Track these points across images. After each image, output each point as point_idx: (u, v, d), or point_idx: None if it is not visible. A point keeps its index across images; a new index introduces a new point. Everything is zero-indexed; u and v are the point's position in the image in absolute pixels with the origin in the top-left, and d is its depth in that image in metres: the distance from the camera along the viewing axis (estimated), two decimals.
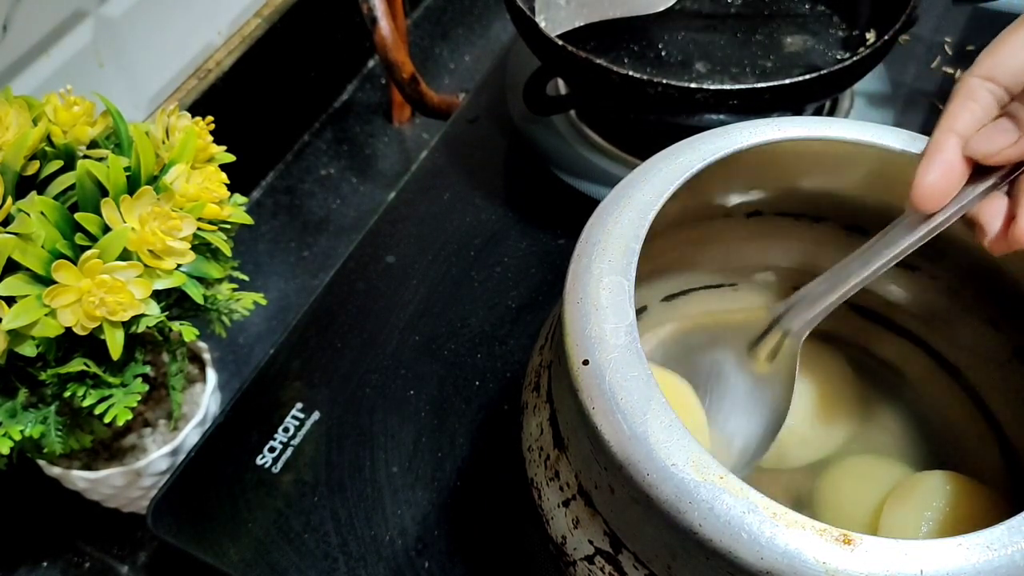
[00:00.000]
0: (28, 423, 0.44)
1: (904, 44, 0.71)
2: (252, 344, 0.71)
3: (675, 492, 0.28)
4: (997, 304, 0.42)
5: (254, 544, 0.48)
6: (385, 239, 0.61)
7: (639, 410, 0.30)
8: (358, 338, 0.56)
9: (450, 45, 0.95)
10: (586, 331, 0.32)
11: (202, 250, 0.45)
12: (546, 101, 0.63)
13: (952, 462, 0.43)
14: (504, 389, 0.54)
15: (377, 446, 0.52)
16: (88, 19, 0.62)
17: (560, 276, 0.35)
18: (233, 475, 0.51)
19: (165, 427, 0.55)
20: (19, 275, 0.40)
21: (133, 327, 0.42)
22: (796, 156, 0.40)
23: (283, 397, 0.54)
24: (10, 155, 0.41)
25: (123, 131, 0.45)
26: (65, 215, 0.41)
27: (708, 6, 0.65)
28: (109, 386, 0.44)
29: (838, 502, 0.43)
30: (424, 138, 0.87)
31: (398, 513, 0.49)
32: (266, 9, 0.77)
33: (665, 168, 0.36)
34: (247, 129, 0.77)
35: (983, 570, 0.27)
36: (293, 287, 0.75)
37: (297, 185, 0.83)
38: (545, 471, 0.36)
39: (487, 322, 0.57)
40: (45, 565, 0.60)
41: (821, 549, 0.27)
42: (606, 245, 0.34)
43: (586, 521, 0.33)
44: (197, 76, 0.72)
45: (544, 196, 0.63)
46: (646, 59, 0.62)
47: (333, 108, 0.89)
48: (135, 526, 0.61)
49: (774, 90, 0.52)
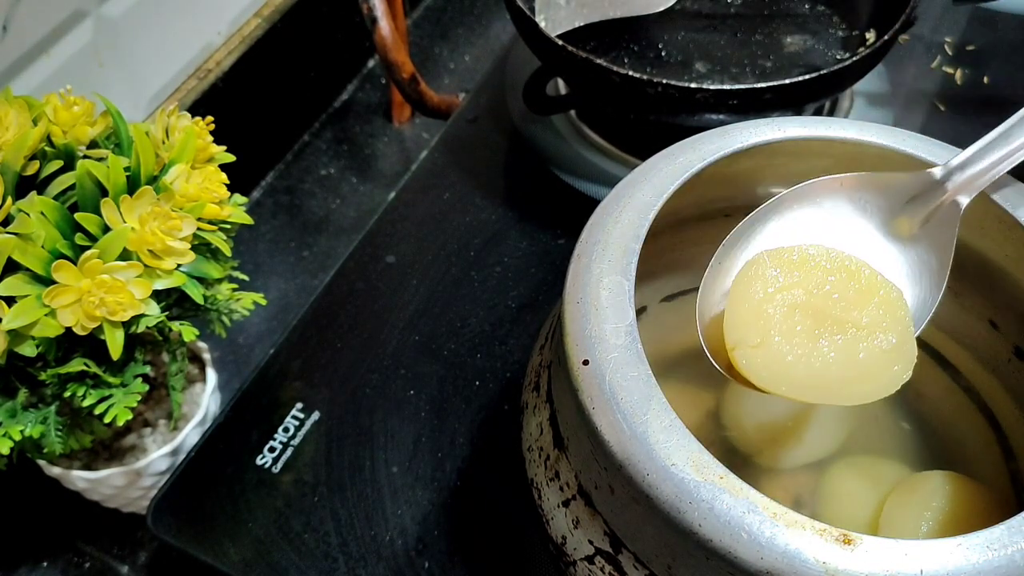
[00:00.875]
0: (28, 423, 0.44)
1: (904, 44, 0.71)
2: (252, 344, 0.71)
3: (675, 492, 0.28)
4: (997, 304, 0.42)
5: (254, 544, 0.48)
6: (385, 239, 0.61)
7: (639, 410, 0.30)
8: (358, 338, 0.56)
9: (450, 45, 0.95)
10: (586, 331, 0.32)
11: (202, 250, 0.45)
12: (546, 101, 0.63)
13: (952, 462, 0.43)
14: (504, 389, 0.54)
15: (377, 446, 0.52)
16: (88, 19, 0.62)
17: (560, 276, 0.35)
18: (233, 475, 0.51)
19: (165, 427, 0.55)
20: (19, 275, 0.40)
21: (133, 327, 0.42)
22: (796, 156, 0.40)
23: (283, 397, 0.54)
24: (10, 155, 0.41)
25: (123, 131, 0.45)
26: (65, 215, 0.41)
27: (708, 6, 0.65)
28: (109, 386, 0.44)
29: (838, 502, 0.43)
30: (424, 138, 0.87)
31: (398, 513, 0.49)
32: (266, 9, 0.77)
33: (665, 168, 0.36)
34: (247, 129, 0.78)
35: (983, 570, 0.27)
36: (293, 287, 0.75)
37: (297, 185, 0.83)
38: (545, 471, 0.36)
39: (487, 322, 0.57)
40: (45, 565, 0.60)
41: (821, 549, 0.27)
42: (606, 245, 0.34)
43: (586, 521, 0.33)
44: (197, 76, 0.72)
45: (544, 196, 0.63)
46: (646, 59, 0.62)
47: (333, 108, 0.89)
48: (135, 526, 0.61)
49: (774, 90, 0.52)
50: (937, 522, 0.39)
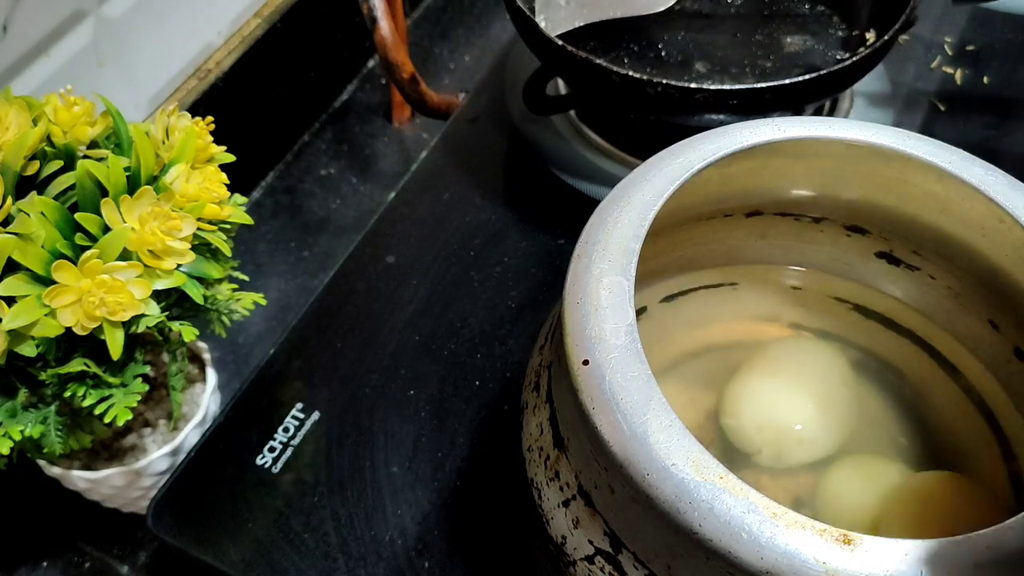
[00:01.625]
0: (28, 423, 0.44)
1: (904, 44, 0.71)
2: (252, 344, 0.71)
3: (675, 492, 0.28)
4: (997, 304, 0.42)
5: (254, 544, 0.48)
6: (385, 239, 0.61)
7: (639, 410, 0.30)
8: (358, 338, 0.56)
9: (450, 45, 0.95)
10: (586, 331, 0.32)
11: (202, 250, 0.45)
12: (546, 101, 0.63)
13: (952, 462, 0.43)
14: (504, 389, 0.54)
15: (377, 446, 0.52)
16: (88, 19, 0.62)
17: (560, 276, 0.35)
18: (233, 475, 0.51)
19: (165, 427, 0.55)
20: (19, 275, 0.40)
21: (133, 327, 0.42)
22: (796, 156, 0.40)
23: (283, 397, 0.54)
24: (10, 155, 0.41)
25: (123, 131, 0.45)
26: (65, 215, 0.41)
27: (708, 6, 0.65)
28: (109, 386, 0.44)
29: (838, 502, 0.43)
30: (424, 138, 0.87)
31: (398, 513, 0.49)
32: (266, 9, 0.77)
33: (665, 168, 0.36)
34: (247, 129, 0.78)
35: (984, 570, 0.27)
36: (293, 287, 0.75)
37: (297, 185, 0.83)
38: (545, 471, 0.36)
39: (487, 322, 0.57)
40: (45, 565, 0.60)
41: (821, 549, 0.27)
42: (606, 245, 0.34)
43: (586, 521, 0.33)
44: (197, 76, 0.72)
45: (544, 196, 0.63)
46: (646, 59, 0.62)
47: (333, 108, 0.89)
48: (135, 526, 0.61)
49: (774, 90, 0.52)
50: (937, 522, 0.39)
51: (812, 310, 0.48)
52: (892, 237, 0.45)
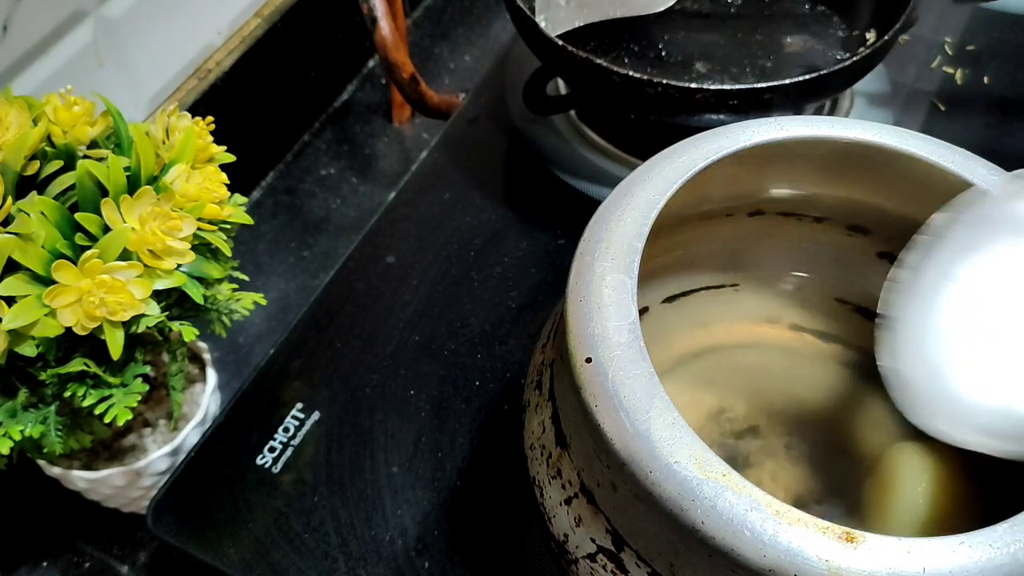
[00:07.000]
0: (28, 423, 0.43)
1: (904, 44, 0.71)
2: (252, 344, 0.71)
3: (678, 489, 0.28)
4: None
5: (254, 544, 0.48)
6: (385, 239, 0.61)
7: (642, 407, 0.30)
8: (358, 338, 0.56)
9: (450, 45, 0.95)
10: (589, 329, 0.32)
11: (202, 250, 0.45)
12: (546, 101, 0.63)
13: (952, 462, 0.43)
14: (504, 389, 0.54)
15: (377, 446, 0.52)
16: (88, 19, 0.62)
17: (560, 276, 0.35)
18: (233, 475, 0.51)
19: (165, 427, 0.55)
20: (19, 275, 0.40)
21: (133, 327, 0.42)
22: (797, 156, 0.40)
23: (283, 397, 0.54)
24: (10, 155, 0.41)
25: (123, 131, 0.45)
26: (65, 215, 0.41)
27: (708, 6, 0.65)
28: (109, 386, 0.44)
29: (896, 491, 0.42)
30: (424, 138, 0.87)
31: (398, 513, 0.49)
32: (266, 9, 0.77)
33: (667, 167, 0.36)
34: (247, 129, 0.77)
35: (986, 568, 0.27)
36: (293, 287, 0.75)
37: (297, 185, 0.83)
38: (547, 469, 0.36)
39: (487, 322, 0.57)
40: (45, 565, 0.60)
41: (824, 547, 0.27)
42: (609, 243, 0.34)
43: (588, 519, 0.33)
44: (197, 76, 0.72)
45: (544, 196, 0.63)
46: (646, 59, 0.62)
47: (333, 108, 0.89)
48: (135, 526, 0.61)
49: (774, 90, 0.52)
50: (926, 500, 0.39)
51: (813, 312, 0.48)
52: (894, 237, 0.45)
